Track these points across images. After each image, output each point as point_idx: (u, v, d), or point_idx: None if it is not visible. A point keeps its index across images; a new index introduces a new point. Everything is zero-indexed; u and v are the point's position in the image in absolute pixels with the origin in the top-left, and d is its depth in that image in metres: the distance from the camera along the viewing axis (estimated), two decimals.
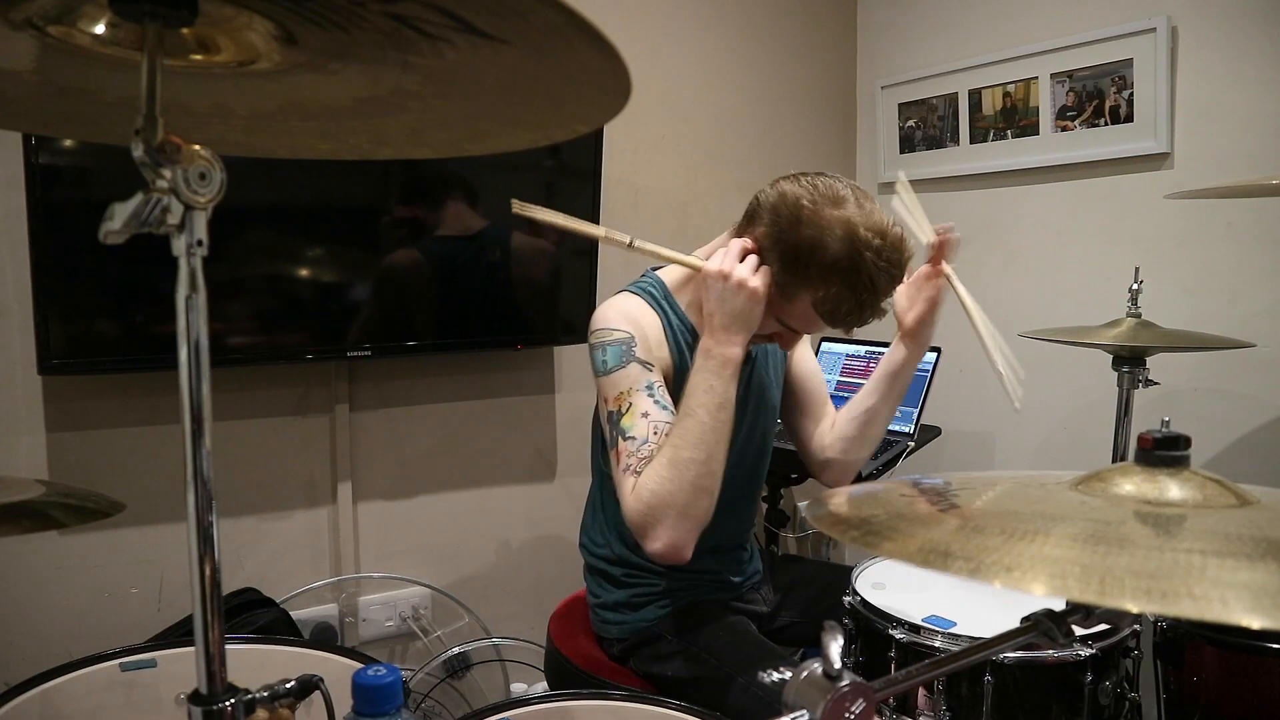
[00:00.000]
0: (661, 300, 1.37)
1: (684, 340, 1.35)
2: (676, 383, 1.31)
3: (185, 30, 0.58)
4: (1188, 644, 1.35)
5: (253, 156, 0.81)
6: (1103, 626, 1.22)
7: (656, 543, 1.20)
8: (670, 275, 1.41)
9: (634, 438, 1.24)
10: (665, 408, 1.26)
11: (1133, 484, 0.67)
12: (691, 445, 1.20)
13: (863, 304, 1.23)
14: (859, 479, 1.93)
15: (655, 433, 1.24)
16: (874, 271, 1.21)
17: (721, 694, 1.31)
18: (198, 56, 0.62)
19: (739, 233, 1.32)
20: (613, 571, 1.47)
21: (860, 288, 1.22)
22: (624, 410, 1.26)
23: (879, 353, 2.27)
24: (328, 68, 0.62)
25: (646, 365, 1.28)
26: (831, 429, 1.56)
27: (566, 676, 1.50)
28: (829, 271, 1.21)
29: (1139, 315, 1.64)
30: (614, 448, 1.26)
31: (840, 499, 0.75)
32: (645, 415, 1.25)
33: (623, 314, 1.31)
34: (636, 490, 1.21)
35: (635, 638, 1.44)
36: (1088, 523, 0.61)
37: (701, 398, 1.22)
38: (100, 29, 0.58)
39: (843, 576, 1.52)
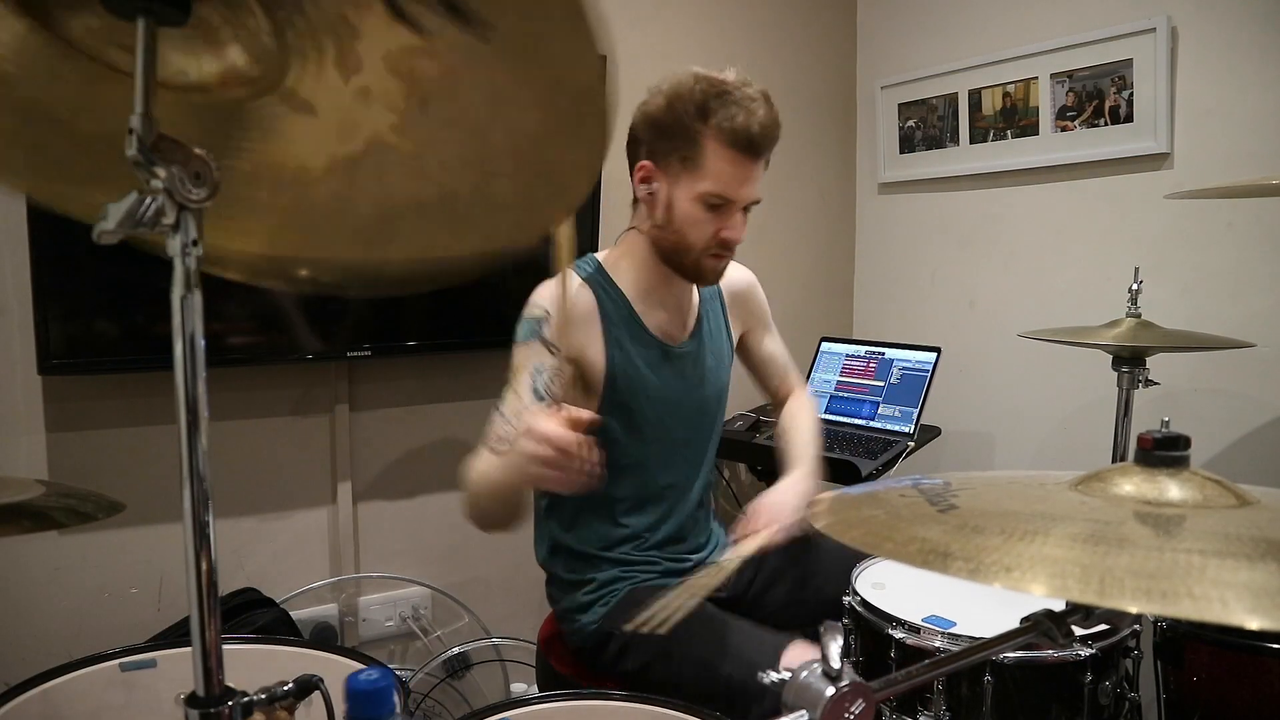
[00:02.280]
0: (597, 276, 1.42)
1: (615, 314, 1.40)
2: (608, 357, 1.37)
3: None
4: (1187, 644, 1.35)
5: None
6: (1102, 626, 1.22)
7: (467, 516, 1.32)
8: (604, 256, 1.48)
9: (503, 414, 1.30)
10: (539, 398, 1.29)
11: (1132, 484, 0.67)
12: (485, 493, 1.28)
13: (749, 109, 1.29)
14: (860, 479, 1.93)
15: (517, 416, 1.28)
16: (735, 82, 1.31)
17: (671, 671, 1.30)
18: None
19: (634, 192, 1.41)
20: (559, 574, 1.48)
21: (738, 96, 1.29)
22: (509, 383, 1.32)
23: (878, 353, 2.27)
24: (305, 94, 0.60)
25: (550, 347, 1.32)
26: (777, 398, 1.71)
27: (555, 687, 1.49)
28: (702, 105, 1.29)
29: (1139, 315, 1.64)
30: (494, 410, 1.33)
31: (839, 499, 0.75)
32: (518, 396, 1.31)
33: (552, 294, 1.33)
34: (466, 473, 1.29)
35: (593, 642, 1.42)
36: (1087, 523, 0.61)
37: (492, 478, 1.25)
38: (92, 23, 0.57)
39: (829, 559, 1.51)
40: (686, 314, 1.50)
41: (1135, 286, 1.64)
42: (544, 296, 1.36)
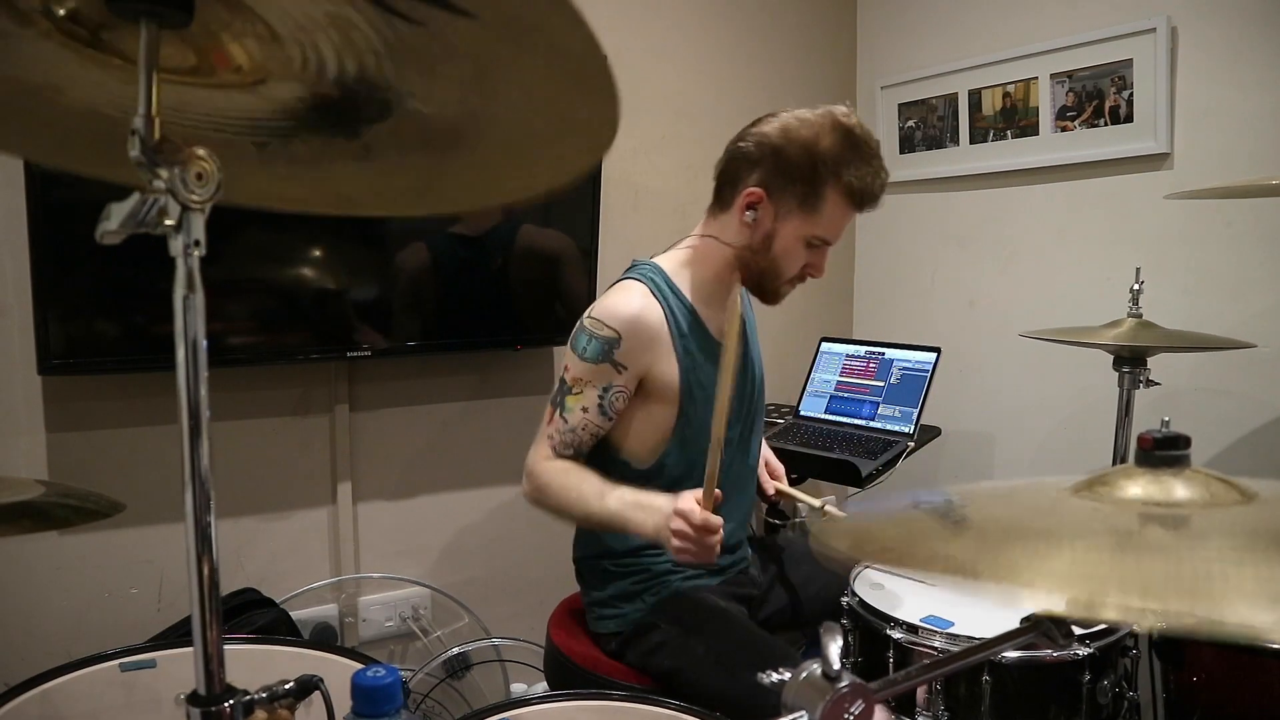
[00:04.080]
0: (664, 287, 1.43)
1: (684, 323, 1.42)
2: (682, 369, 1.40)
3: (190, 51, 0.58)
4: (1187, 643, 1.35)
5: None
6: (1102, 626, 1.22)
7: (524, 495, 1.42)
8: (668, 262, 1.47)
9: (566, 420, 1.38)
10: (606, 414, 1.38)
11: (1137, 486, 0.66)
12: (576, 509, 1.36)
13: (877, 169, 1.36)
14: (861, 479, 1.93)
15: (584, 429, 1.38)
16: (867, 136, 1.35)
17: (710, 681, 1.31)
18: (195, 79, 0.62)
19: (720, 202, 1.44)
20: (603, 565, 1.49)
21: (869, 155, 1.35)
22: (574, 391, 1.38)
23: (878, 353, 2.27)
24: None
25: (619, 368, 1.37)
26: None
27: (566, 676, 1.50)
28: (838, 157, 1.33)
29: (1140, 315, 1.64)
30: (551, 407, 1.41)
31: (849, 522, 0.74)
32: (585, 411, 1.38)
33: (625, 316, 1.37)
34: (546, 468, 1.38)
35: (630, 630, 1.45)
36: (1105, 530, 0.60)
37: (618, 508, 1.32)
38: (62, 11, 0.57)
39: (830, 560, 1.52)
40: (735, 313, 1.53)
41: (1137, 286, 1.64)
42: (614, 316, 1.37)
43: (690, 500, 1.24)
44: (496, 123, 0.65)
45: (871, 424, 2.19)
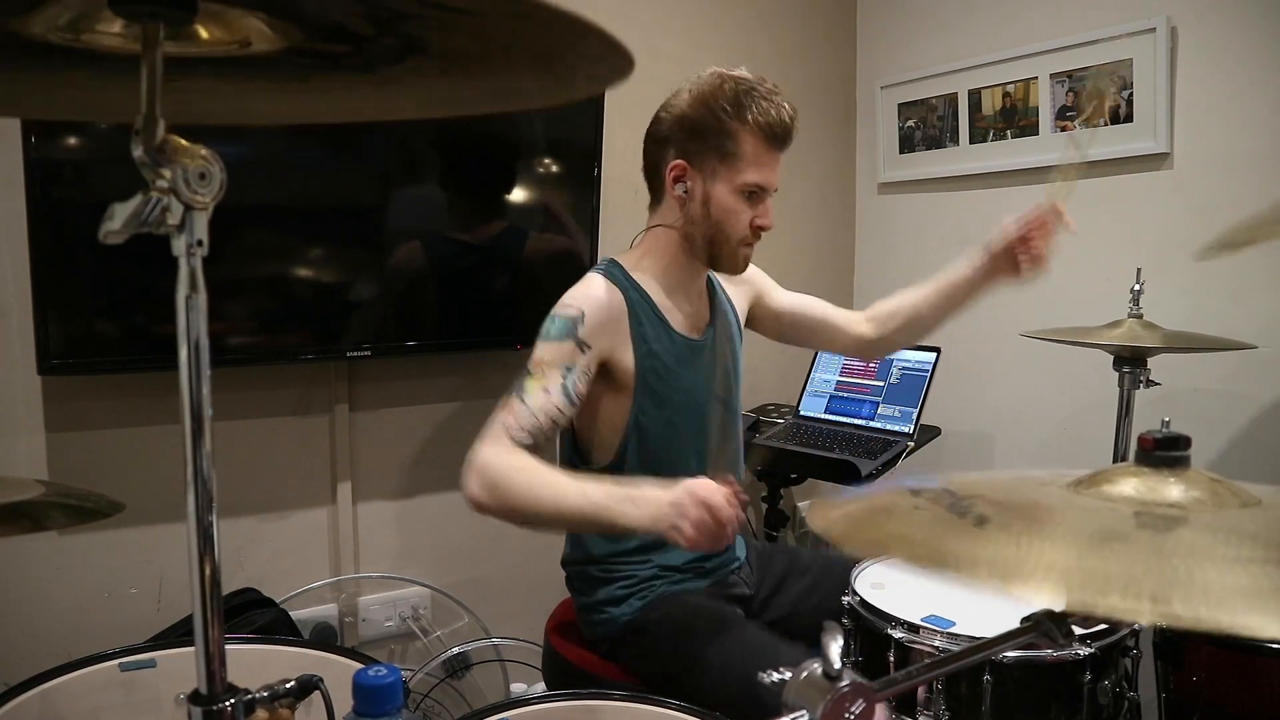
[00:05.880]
0: (622, 279, 1.44)
1: (642, 313, 1.42)
2: (638, 357, 1.40)
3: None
4: (1187, 643, 1.35)
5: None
6: (1102, 626, 1.22)
7: (471, 497, 1.28)
8: (626, 259, 1.49)
9: (526, 405, 1.30)
10: (568, 397, 1.32)
11: (1142, 485, 0.66)
12: (546, 506, 1.23)
13: (778, 104, 1.38)
14: (859, 480, 1.93)
15: (544, 411, 1.30)
16: (757, 81, 1.39)
17: (709, 683, 1.30)
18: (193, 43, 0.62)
19: (655, 192, 1.48)
20: (589, 570, 1.49)
21: (766, 92, 1.38)
22: (534, 375, 1.33)
23: None
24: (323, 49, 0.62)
25: (583, 346, 1.35)
26: (864, 323, 1.70)
27: (565, 679, 1.50)
28: (736, 101, 1.36)
29: (1140, 315, 1.64)
30: (509, 395, 1.33)
31: (851, 517, 0.71)
32: (546, 391, 1.32)
33: (586, 295, 1.38)
34: (504, 461, 1.26)
35: (622, 632, 1.44)
36: (1137, 531, 0.59)
37: (604, 502, 1.20)
38: (118, 28, 0.58)
39: (836, 566, 1.51)
40: (703, 305, 1.54)
41: (1137, 287, 1.64)
42: (579, 297, 1.38)
43: (710, 485, 1.14)
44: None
45: (871, 424, 2.20)
